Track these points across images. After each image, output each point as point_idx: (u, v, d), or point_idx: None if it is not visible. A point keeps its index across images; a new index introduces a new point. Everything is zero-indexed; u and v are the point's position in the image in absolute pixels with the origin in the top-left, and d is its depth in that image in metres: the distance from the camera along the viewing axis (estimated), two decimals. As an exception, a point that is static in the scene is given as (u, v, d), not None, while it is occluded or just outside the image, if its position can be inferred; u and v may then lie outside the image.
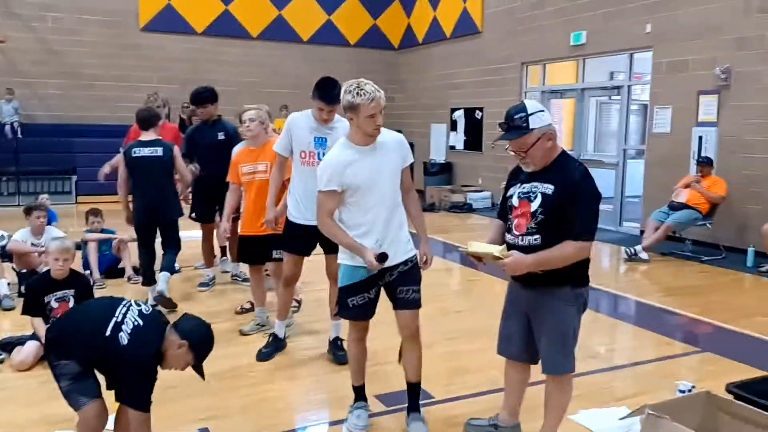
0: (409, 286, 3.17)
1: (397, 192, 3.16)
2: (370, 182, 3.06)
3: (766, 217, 7.32)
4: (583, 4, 10.10)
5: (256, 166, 4.56)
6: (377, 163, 3.07)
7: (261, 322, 4.84)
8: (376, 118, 2.98)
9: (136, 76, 12.85)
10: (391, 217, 3.12)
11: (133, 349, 2.60)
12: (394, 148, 3.15)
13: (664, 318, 5.52)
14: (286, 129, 4.05)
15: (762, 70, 7.69)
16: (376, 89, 2.99)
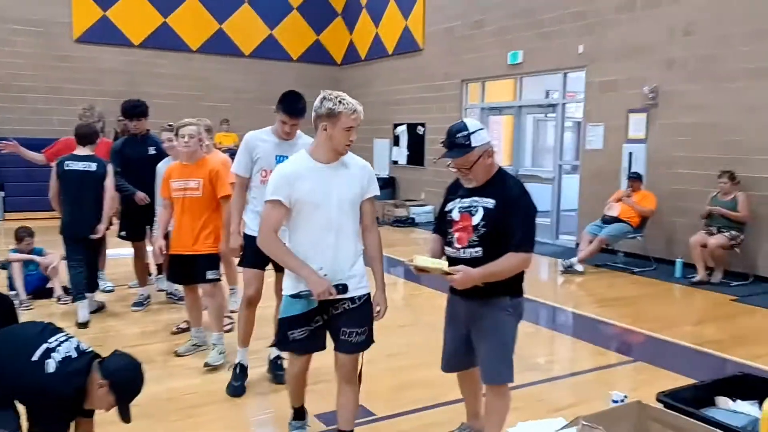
0: (354, 327, 2.89)
1: (351, 221, 2.88)
2: (318, 201, 2.79)
3: (693, 230, 7.68)
4: (519, 24, 10.41)
5: (188, 183, 4.39)
6: (333, 184, 2.82)
7: (198, 342, 4.70)
8: (352, 133, 2.80)
9: (69, 89, 12.41)
10: (340, 246, 2.84)
11: (57, 379, 2.46)
12: (356, 174, 2.89)
13: (599, 328, 5.69)
14: (245, 148, 3.89)
15: (687, 90, 8.10)
16: (357, 103, 2.84)
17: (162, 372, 4.30)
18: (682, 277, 7.57)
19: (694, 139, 8.05)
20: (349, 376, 2.98)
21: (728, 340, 5.29)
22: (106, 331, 5.21)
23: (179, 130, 4.37)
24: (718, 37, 7.72)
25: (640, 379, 4.40)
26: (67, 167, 5.32)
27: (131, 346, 4.78)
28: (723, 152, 7.70)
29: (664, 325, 5.65)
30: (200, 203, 4.37)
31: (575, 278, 7.74)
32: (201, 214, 4.37)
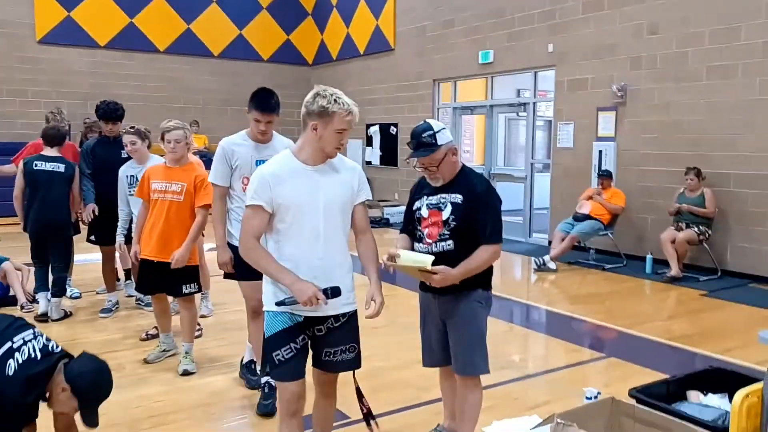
0: (338, 346, 2.68)
1: (340, 228, 2.64)
2: (304, 206, 2.55)
3: (663, 226, 7.80)
4: (490, 24, 10.46)
5: (170, 185, 4.20)
6: (320, 187, 2.58)
7: (167, 347, 4.57)
8: (344, 136, 2.58)
9: (34, 91, 12.15)
10: (329, 256, 2.60)
11: (15, 383, 2.33)
12: (345, 177, 2.66)
13: (572, 325, 5.73)
14: (222, 156, 3.69)
15: (654, 88, 8.22)
16: (354, 103, 2.60)
17: (131, 379, 4.21)
18: (652, 273, 7.67)
19: (661, 137, 8.18)
20: (328, 391, 2.81)
21: (698, 334, 5.37)
22: (73, 338, 5.08)
23: (165, 135, 4.18)
24: (683, 36, 7.86)
25: (613, 375, 4.44)
26: (36, 167, 5.46)
27: (99, 354, 4.67)
28: (689, 149, 7.84)
29: (636, 321, 5.72)
30: (179, 209, 4.19)
31: (548, 276, 7.79)
32: (178, 220, 4.18)
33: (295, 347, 2.60)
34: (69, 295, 6.19)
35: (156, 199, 4.24)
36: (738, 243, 7.48)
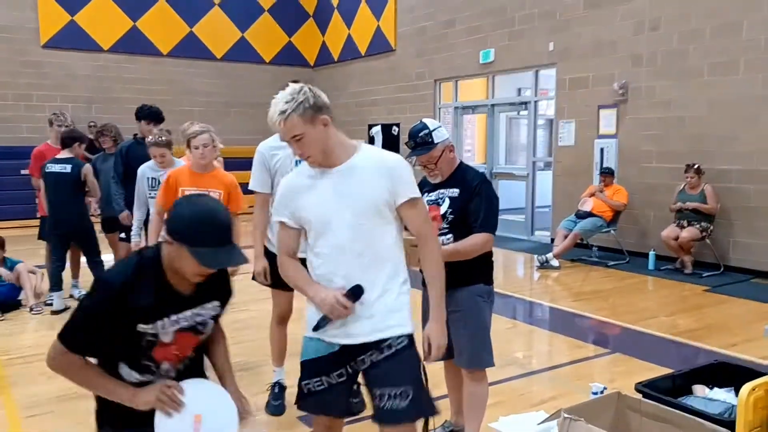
0: (387, 387, 2.15)
1: (371, 239, 2.19)
2: (321, 219, 2.21)
3: (664, 222, 7.83)
4: (490, 23, 10.50)
5: (207, 192, 3.78)
6: (335, 193, 2.19)
7: None
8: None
9: (38, 95, 12.21)
10: (358, 274, 2.18)
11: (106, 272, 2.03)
12: (371, 175, 2.18)
13: (576, 322, 5.77)
14: (260, 161, 3.48)
15: (655, 85, 8.25)
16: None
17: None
18: (654, 269, 7.71)
19: (662, 134, 8.21)
20: None
21: (702, 329, 5.41)
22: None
23: (192, 141, 3.86)
24: (684, 32, 7.89)
25: (618, 371, 4.48)
26: (47, 170, 5.78)
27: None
28: (691, 146, 7.87)
29: (640, 317, 5.76)
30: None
31: (551, 273, 7.83)
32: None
33: (328, 381, 2.24)
34: (77, 297, 6.25)
35: None
36: (740, 239, 7.51)
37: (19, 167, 10.05)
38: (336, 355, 2.23)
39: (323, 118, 2.15)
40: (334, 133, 2.21)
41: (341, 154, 2.21)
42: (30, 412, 3.75)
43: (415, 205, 2.23)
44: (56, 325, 5.29)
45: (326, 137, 2.17)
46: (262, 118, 3.57)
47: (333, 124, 2.20)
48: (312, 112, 2.13)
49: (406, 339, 2.22)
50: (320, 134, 2.15)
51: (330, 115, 2.19)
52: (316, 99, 2.16)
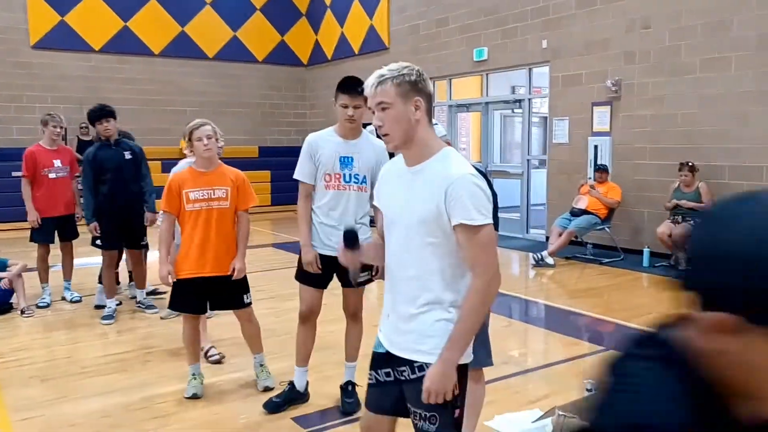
0: (418, 408, 2.07)
1: (420, 253, 2.02)
2: (387, 216, 2.15)
3: (659, 219, 7.85)
4: (484, 21, 10.49)
5: (212, 192, 3.77)
6: (402, 194, 2.08)
7: (203, 379, 4.06)
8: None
9: (29, 96, 12.13)
10: (401, 285, 2.09)
11: None
12: (431, 184, 1.99)
13: (571, 319, 5.77)
14: (307, 152, 3.51)
15: (648, 82, 8.26)
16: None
17: (134, 381, 4.23)
18: (649, 266, 7.72)
19: (655, 131, 8.23)
20: None
21: (696, 325, 5.41)
22: (75, 342, 5.11)
23: (194, 132, 3.75)
24: (676, 29, 7.90)
25: (613, 368, 4.47)
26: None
27: (102, 356, 4.71)
28: (683, 142, 7.88)
29: (634, 314, 5.76)
30: (227, 216, 3.83)
31: (546, 271, 7.83)
32: (229, 228, 3.82)
33: (377, 378, 2.21)
34: (69, 299, 6.22)
35: (198, 209, 3.76)
36: (734, 235, 7.51)
37: (10, 169, 9.99)
38: (387, 355, 2.17)
39: (417, 100, 1.99)
40: (425, 126, 2.02)
41: (422, 152, 2.04)
42: (21, 415, 3.72)
43: (471, 232, 1.94)
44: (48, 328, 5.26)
45: (414, 121, 1.99)
46: (256, 118, 3.56)
47: (426, 117, 2.03)
48: (409, 87, 1.98)
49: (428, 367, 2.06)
50: (408, 114, 1.98)
51: (427, 105, 2.03)
52: (420, 79, 2.01)
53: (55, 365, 4.57)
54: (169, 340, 5.06)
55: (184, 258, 3.80)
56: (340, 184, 3.49)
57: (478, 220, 1.93)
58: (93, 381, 4.24)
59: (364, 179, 3.53)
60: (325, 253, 3.50)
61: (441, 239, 1.98)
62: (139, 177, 5.72)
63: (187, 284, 3.79)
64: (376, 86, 1.99)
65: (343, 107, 3.42)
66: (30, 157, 6.01)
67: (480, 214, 1.94)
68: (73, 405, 3.87)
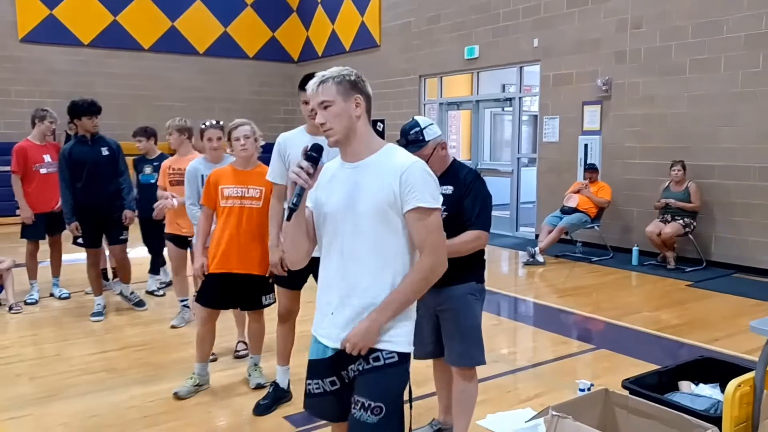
0: (363, 397, 2.05)
1: (374, 243, 2.06)
2: (333, 208, 2.12)
3: (648, 218, 7.90)
4: (475, 19, 10.49)
5: (247, 190, 3.79)
6: (346, 189, 2.10)
7: (201, 382, 3.99)
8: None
9: (17, 91, 12.00)
10: (353, 277, 2.09)
11: None
12: (382, 174, 2.05)
13: (561, 318, 5.79)
14: (276, 153, 3.52)
15: (639, 82, 8.30)
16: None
17: (123, 380, 4.19)
18: (638, 265, 7.76)
19: (645, 130, 8.27)
20: None
21: (685, 324, 5.45)
22: (63, 339, 5.06)
23: (232, 132, 3.77)
24: (667, 29, 7.94)
25: (603, 367, 4.50)
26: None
27: (91, 354, 4.66)
28: (673, 142, 7.93)
29: (624, 312, 5.79)
30: (259, 215, 3.78)
31: (536, 269, 7.85)
32: (257, 227, 3.78)
33: (324, 387, 2.17)
34: (58, 296, 6.16)
35: (230, 206, 3.78)
36: (722, 234, 7.59)
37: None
38: (330, 361, 2.14)
39: (357, 97, 2.10)
40: (364, 123, 2.13)
41: (364, 149, 2.12)
42: (8, 414, 3.68)
43: (425, 214, 2.02)
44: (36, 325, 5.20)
45: (355, 118, 2.09)
46: (246, 114, 3.53)
47: (366, 116, 2.14)
48: (349, 86, 2.09)
49: (397, 356, 2.09)
50: (350, 110, 2.08)
51: (367, 104, 2.13)
52: (359, 80, 2.13)
53: (43, 363, 4.52)
54: (158, 338, 5.03)
55: (213, 253, 3.84)
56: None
57: (431, 203, 2.04)
58: (82, 379, 4.20)
59: None
60: None
61: (395, 225, 2.05)
62: (116, 173, 5.56)
63: (214, 279, 3.83)
64: (318, 86, 2.08)
65: (304, 104, 3.43)
66: (21, 153, 5.92)
67: (433, 198, 2.05)
68: (62, 404, 3.83)
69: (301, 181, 2.01)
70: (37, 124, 6.05)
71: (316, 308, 2.22)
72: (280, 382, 3.79)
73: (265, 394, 3.81)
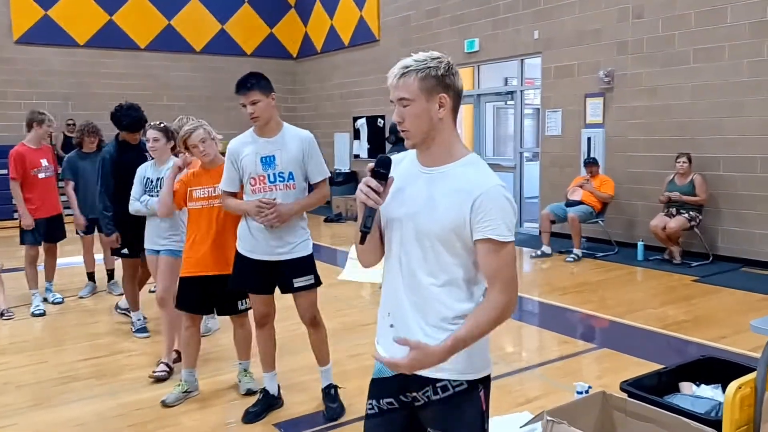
0: (435, 430, 1.89)
1: (437, 266, 1.81)
2: (404, 214, 1.85)
3: (652, 212, 7.74)
4: (475, 12, 10.33)
5: (214, 190, 3.65)
6: (419, 197, 1.83)
7: (190, 388, 3.88)
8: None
9: (13, 93, 11.94)
10: (409, 301, 1.84)
11: None
12: (456, 192, 1.78)
13: (564, 316, 5.66)
14: (228, 159, 3.42)
15: (641, 73, 8.13)
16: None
17: (109, 387, 4.09)
18: (643, 260, 7.61)
19: (649, 122, 8.10)
20: None
21: (691, 321, 5.31)
22: (55, 345, 4.96)
23: (187, 140, 3.66)
24: (669, 18, 7.76)
25: (605, 367, 4.36)
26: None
27: (80, 360, 4.57)
28: (677, 134, 7.76)
29: (628, 310, 5.65)
30: (231, 214, 3.64)
31: (540, 265, 7.72)
32: (233, 226, 3.63)
33: (378, 407, 1.96)
34: (51, 301, 6.07)
35: (200, 208, 3.71)
36: (729, 227, 7.42)
37: (-5, 166, 9.80)
38: (391, 381, 1.92)
39: (443, 96, 1.77)
40: (449, 126, 1.82)
41: (444, 155, 1.82)
42: (-7, 424, 3.59)
43: (499, 247, 1.74)
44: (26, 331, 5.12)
45: (436, 120, 1.78)
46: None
47: (452, 116, 1.82)
48: (435, 82, 1.76)
49: (466, 384, 1.87)
50: (431, 111, 1.77)
51: (454, 102, 1.80)
52: (448, 73, 1.78)
53: (31, 370, 4.42)
54: (146, 344, 4.93)
55: (187, 257, 3.76)
56: (265, 185, 3.37)
57: (506, 236, 1.75)
58: (69, 387, 4.11)
59: (291, 175, 3.39)
60: (260, 258, 3.42)
61: (460, 251, 1.79)
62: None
63: (189, 283, 3.74)
64: (398, 78, 1.77)
65: (242, 107, 3.35)
66: (19, 158, 5.77)
67: (508, 230, 1.76)
68: (48, 412, 3.74)
69: (371, 202, 1.76)
70: (34, 128, 5.87)
71: (378, 313, 1.98)
72: (269, 389, 3.68)
73: (255, 400, 3.69)
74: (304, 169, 3.43)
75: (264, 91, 3.31)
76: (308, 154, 3.42)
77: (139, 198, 4.36)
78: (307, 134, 3.49)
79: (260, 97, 3.28)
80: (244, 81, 3.31)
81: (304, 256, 3.48)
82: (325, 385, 3.69)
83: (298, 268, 3.45)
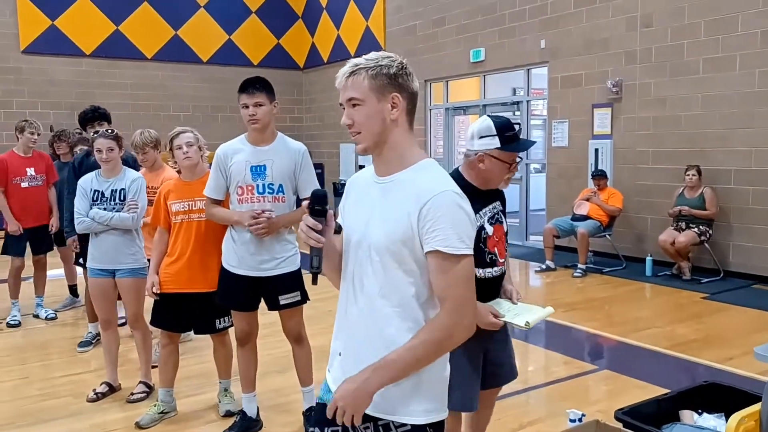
0: None
1: (386, 284, 1.64)
2: (355, 231, 1.72)
3: (662, 226, 7.50)
4: (481, 21, 10.18)
5: (194, 203, 3.49)
6: (367, 210, 1.71)
7: (166, 409, 3.70)
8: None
9: (19, 102, 11.93)
10: (356, 327, 1.71)
11: None
12: (404, 201, 1.62)
13: (567, 335, 5.44)
14: (216, 165, 3.29)
15: (650, 83, 7.92)
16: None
17: (87, 405, 3.94)
18: (652, 276, 7.36)
19: (658, 133, 7.88)
20: None
21: (699, 341, 5.07)
22: (35, 361, 4.82)
23: (174, 141, 3.53)
24: (678, 28, 7.56)
25: (605, 390, 4.15)
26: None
27: (60, 377, 4.42)
28: (687, 146, 7.53)
29: (634, 328, 5.43)
30: (210, 229, 3.48)
31: (545, 279, 7.51)
32: (212, 242, 3.48)
33: None
34: (44, 317, 5.92)
35: (179, 222, 3.52)
36: (740, 242, 7.16)
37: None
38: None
39: (395, 96, 1.63)
40: (402, 129, 1.67)
41: (396, 161, 1.67)
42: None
43: (450, 262, 1.55)
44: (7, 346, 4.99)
45: (389, 122, 1.64)
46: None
47: (406, 118, 1.67)
48: (387, 81, 1.62)
49: (410, 427, 1.65)
50: (383, 113, 1.63)
51: (408, 103, 1.66)
52: (401, 73, 1.64)
53: (9, 388, 4.28)
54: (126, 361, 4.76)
55: (164, 273, 3.57)
56: (253, 196, 3.24)
57: (458, 248, 1.55)
58: (46, 404, 3.96)
59: (281, 188, 3.26)
60: (245, 273, 3.27)
61: (409, 265, 1.61)
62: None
63: (166, 299, 3.57)
64: (347, 77, 1.66)
65: (243, 107, 3.20)
66: (1, 165, 5.71)
67: (461, 241, 1.56)
68: (35, 427, 3.60)
69: (313, 242, 1.65)
70: (19, 135, 5.85)
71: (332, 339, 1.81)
72: (247, 411, 3.51)
73: (232, 423, 3.52)
74: (294, 182, 3.30)
75: (269, 96, 3.24)
76: (300, 165, 3.29)
77: (86, 214, 3.91)
78: (300, 146, 3.38)
79: (265, 101, 3.19)
80: (252, 82, 3.23)
81: (290, 272, 3.34)
82: (306, 408, 3.52)
83: (284, 285, 3.31)
